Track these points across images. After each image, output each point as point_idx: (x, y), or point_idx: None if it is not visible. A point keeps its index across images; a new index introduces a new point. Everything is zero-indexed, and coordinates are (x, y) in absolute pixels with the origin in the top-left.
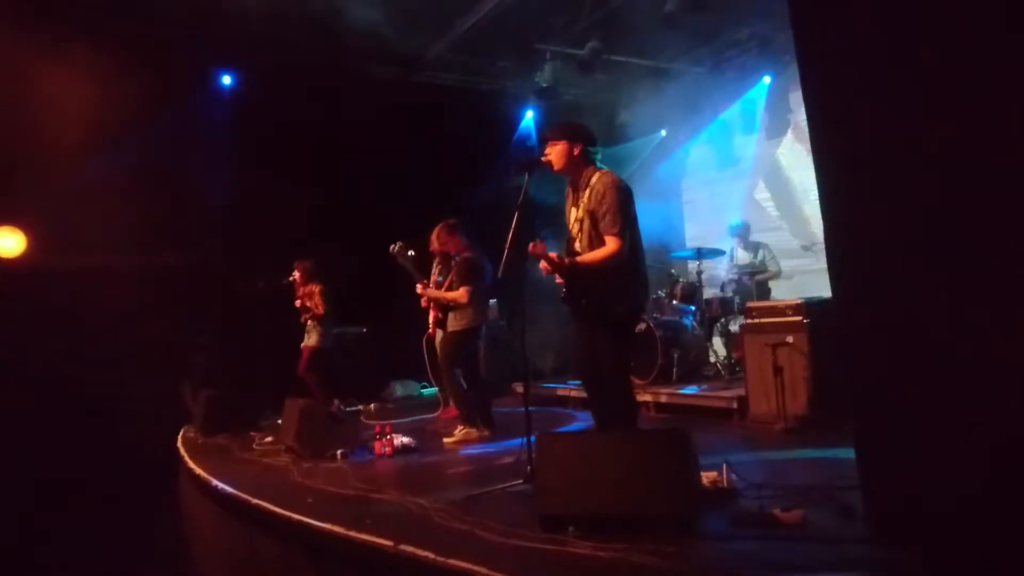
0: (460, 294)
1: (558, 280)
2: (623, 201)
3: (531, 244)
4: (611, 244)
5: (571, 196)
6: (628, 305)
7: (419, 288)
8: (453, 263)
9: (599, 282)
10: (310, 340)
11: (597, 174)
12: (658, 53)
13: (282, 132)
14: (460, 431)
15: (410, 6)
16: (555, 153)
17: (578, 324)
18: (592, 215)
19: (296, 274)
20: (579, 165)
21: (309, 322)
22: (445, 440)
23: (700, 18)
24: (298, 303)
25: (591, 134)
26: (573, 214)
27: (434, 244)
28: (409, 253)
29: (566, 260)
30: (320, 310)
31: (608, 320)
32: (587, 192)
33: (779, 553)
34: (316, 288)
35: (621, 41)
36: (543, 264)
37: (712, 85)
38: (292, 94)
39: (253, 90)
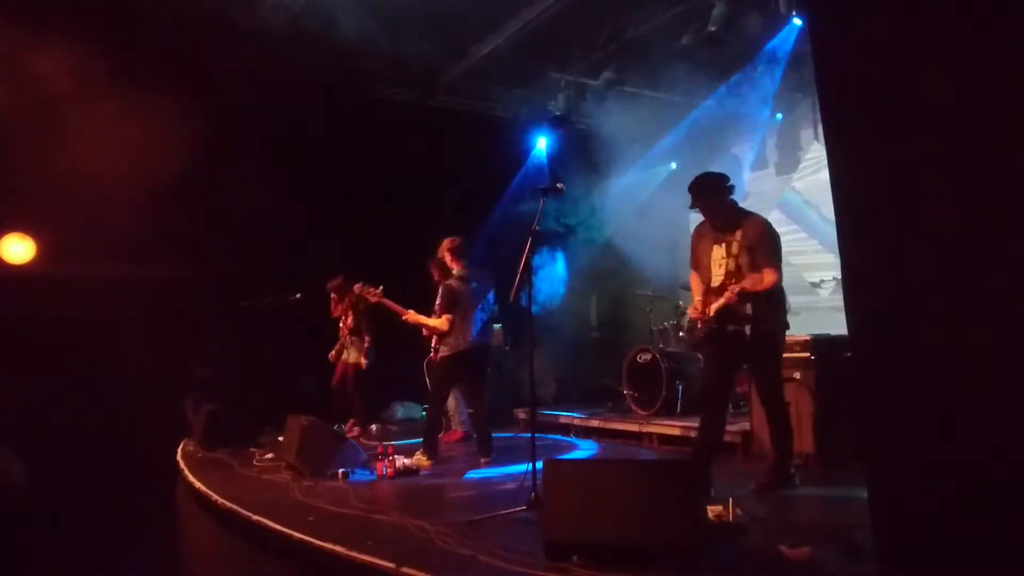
0: (441, 322)
1: (699, 316)
2: (776, 241)
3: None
4: (771, 275)
5: (708, 233)
6: (779, 327)
7: (405, 316)
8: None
9: (758, 307)
10: (350, 356)
11: (749, 216)
12: (672, 86)
13: (296, 150)
14: (416, 456)
15: (427, 32)
16: (711, 211)
17: (716, 355)
18: (751, 250)
19: (333, 296)
20: (728, 209)
21: (348, 337)
22: (403, 461)
23: (715, 53)
24: (343, 327)
25: (724, 177)
26: (717, 251)
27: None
28: (378, 289)
29: (733, 288)
30: (351, 324)
31: (766, 342)
32: (739, 231)
33: None
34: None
35: (636, 73)
36: (694, 280)
37: (724, 120)
38: (308, 112)
39: (269, 108)
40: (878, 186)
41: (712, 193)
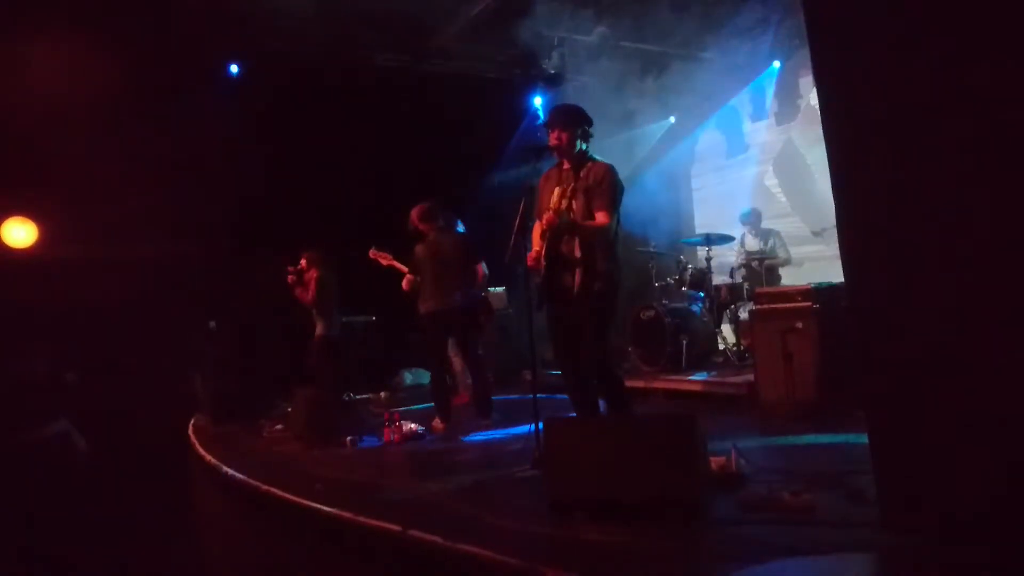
0: (406, 282)
1: (530, 261)
2: (618, 189)
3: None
4: (602, 218)
5: (555, 176)
6: (608, 281)
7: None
8: None
9: (583, 251)
10: (318, 329)
11: (593, 160)
12: (667, 39)
13: (289, 121)
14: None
15: None
16: (565, 139)
17: (553, 312)
18: (587, 192)
19: (303, 262)
20: (581, 150)
21: (314, 311)
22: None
23: (709, 2)
24: (291, 278)
25: (590, 120)
26: (558, 192)
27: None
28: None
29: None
30: (308, 297)
31: (590, 296)
32: (583, 171)
33: (788, 537)
34: (314, 275)
35: (630, 27)
36: (539, 223)
37: (721, 71)
38: (298, 83)
39: (260, 80)
40: (873, 131)
41: (573, 125)
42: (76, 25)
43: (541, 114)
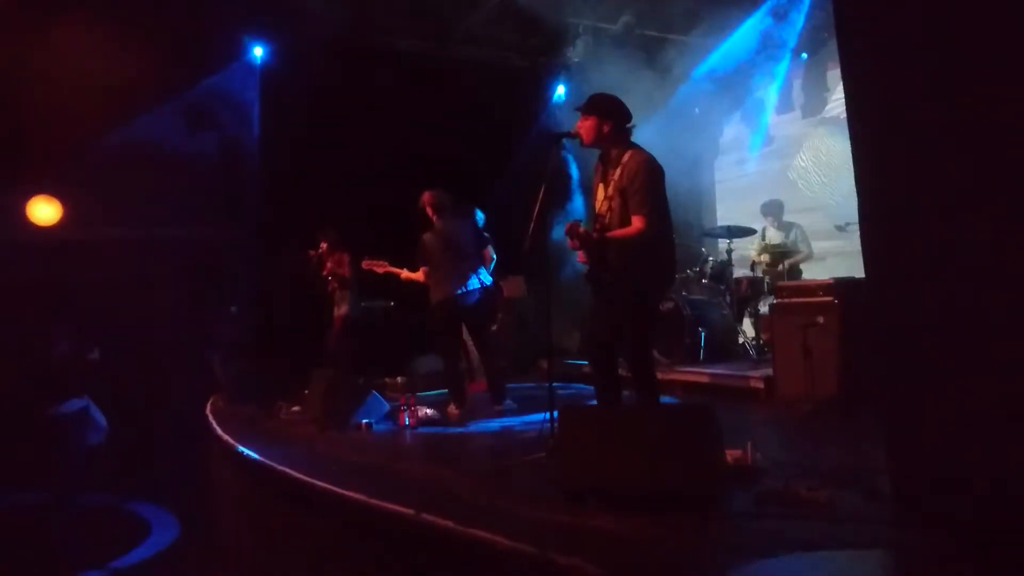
0: (418, 275)
1: (581, 259)
2: (653, 181)
3: (568, 224)
4: (637, 223)
5: (599, 172)
6: (650, 283)
7: (401, 276)
8: None
9: (623, 259)
10: (341, 309)
11: (629, 152)
12: (692, 27)
13: (312, 106)
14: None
15: None
16: (585, 128)
17: (597, 302)
18: (623, 193)
19: (323, 245)
20: (609, 142)
21: (338, 292)
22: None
23: None
24: (326, 271)
25: (625, 111)
26: (601, 192)
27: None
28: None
29: (594, 235)
30: (349, 279)
31: (631, 297)
32: (618, 170)
33: (803, 532)
34: (345, 257)
35: (654, 16)
36: (571, 241)
37: (748, 62)
38: (322, 67)
39: (284, 63)
40: (897, 123)
41: (596, 113)
42: (102, 6)
43: (563, 104)
